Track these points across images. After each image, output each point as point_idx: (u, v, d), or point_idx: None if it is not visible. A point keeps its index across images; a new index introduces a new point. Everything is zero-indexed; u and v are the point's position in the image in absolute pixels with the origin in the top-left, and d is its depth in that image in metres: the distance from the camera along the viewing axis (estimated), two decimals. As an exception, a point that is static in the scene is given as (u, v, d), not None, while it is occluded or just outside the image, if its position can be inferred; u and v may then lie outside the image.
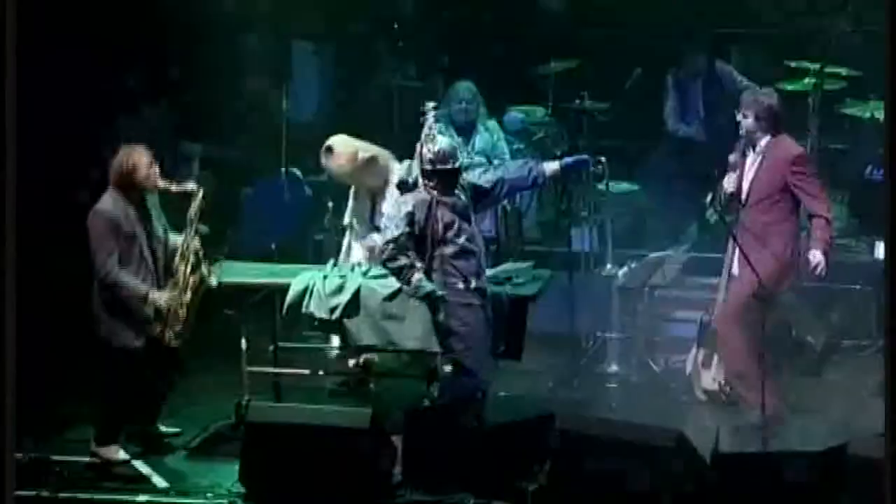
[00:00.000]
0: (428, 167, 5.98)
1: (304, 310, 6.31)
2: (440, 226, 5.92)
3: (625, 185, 8.63)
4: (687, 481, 5.23)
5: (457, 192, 6.00)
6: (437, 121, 6.51)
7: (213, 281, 6.11)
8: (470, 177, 6.20)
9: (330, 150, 6.67)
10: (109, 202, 5.96)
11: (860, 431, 6.05)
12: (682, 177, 8.61)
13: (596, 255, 8.16)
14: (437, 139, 6.07)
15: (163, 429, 6.30)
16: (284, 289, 6.42)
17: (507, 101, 8.99)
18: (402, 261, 5.91)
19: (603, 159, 8.13)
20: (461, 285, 5.93)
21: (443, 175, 5.94)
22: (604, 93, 8.75)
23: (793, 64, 8.54)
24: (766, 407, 6.01)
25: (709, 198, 6.30)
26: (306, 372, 6.73)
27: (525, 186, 6.48)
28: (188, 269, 6.05)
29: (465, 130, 7.47)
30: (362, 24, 9.33)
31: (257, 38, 9.31)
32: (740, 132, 6.40)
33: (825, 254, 6.27)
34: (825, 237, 6.30)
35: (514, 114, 8.93)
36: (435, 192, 5.96)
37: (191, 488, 5.82)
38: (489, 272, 6.29)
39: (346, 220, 6.84)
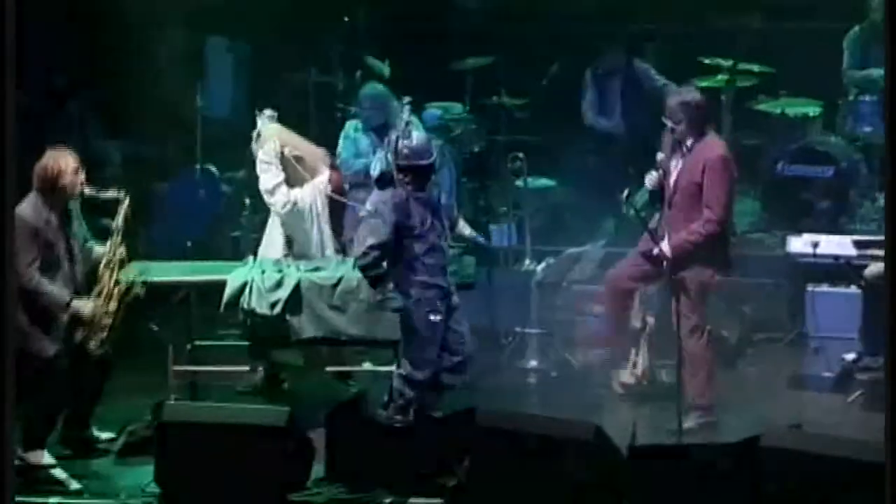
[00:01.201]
0: (403, 162, 5.95)
1: (246, 306, 6.24)
2: (415, 222, 5.93)
3: (542, 181, 8.68)
4: (604, 474, 5.26)
5: (429, 187, 6.02)
6: (412, 114, 6.57)
7: (140, 290, 6.00)
8: None
9: (258, 135, 6.65)
10: (30, 208, 5.82)
11: (774, 422, 6.14)
12: (600, 172, 8.67)
13: (515, 250, 8.20)
14: (412, 134, 6.05)
15: (97, 434, 6.19)
16: (201, 286, 6.33)
17: (425, 98, 8.98)
18: (380, 270, 5.91)
19: (521, 155, 8.16)
20: (427, 282, 5.95)
21: (418, 170, 5.94)
22: (521, 89, 8.78)
23: (706, 61, 8.64)
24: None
25: (625, 193, 6.32)
26: (246, 368, 6.64)
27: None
28: (113, 278, 5.94)
29: (379, 130, 7.48)
30: (277, 20, 9.25)
31: (171, 35, 9.19)
32: (674, 136, 6.34)
33: (675, 249, 6.15)
34: (685, 238, 6.17)
35: (432, 110, 8.91)
36: (409, 188, 5.95)
37: (104, 490, 5.72)
38: None
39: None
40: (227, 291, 6.26)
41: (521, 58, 9.00)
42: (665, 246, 6.21)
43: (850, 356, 6.91)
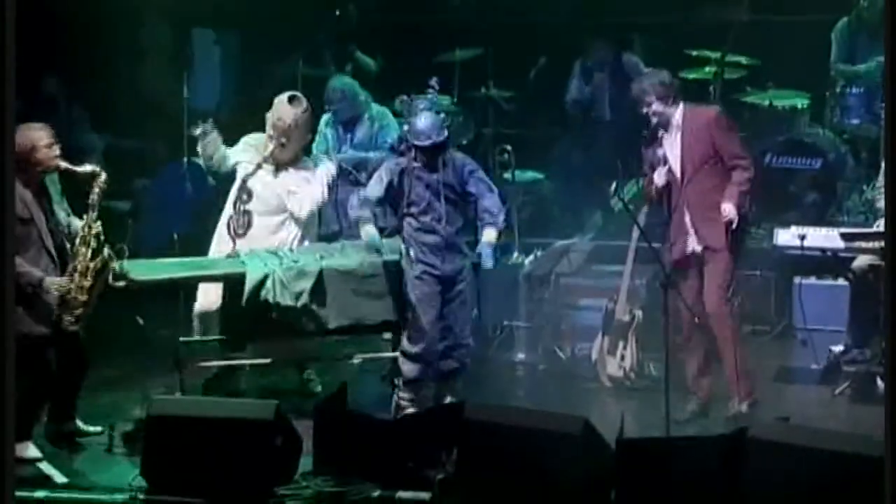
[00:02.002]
0: (409, 140, 6.22)
1: (271, 299, 6.22)
2: (406, 198, 6.17)
3: (530, 174, 8.67)
4: (592, 467, 5.27)
5: (441, 169, 6.13)
6: (433, 96, 6.88)
7: (116, 265, 5.97)
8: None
9: (297, 98, 6.64)
10: None
11: (762, 415, 6.15)
12: (587, 165, 8.67)
13: (502, 243, 8.18)
14: (420, 114, 6.27)
15: (83, 427, 6.16)
16: (190, 281, 6.34)
17: (413, 90, 8.95)
18: (362, 213, 6.29)
19: (508, 148, 8.16)
20: (420, 259, 6.17)
21: (420, 150, 6.15)
22: (509, 81, 8.76)
23: (694, 53, 8.64)
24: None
25: (613, 186, 6.32)
26: (265, 360, 6.61)
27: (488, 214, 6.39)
28: (89, 254, 5.91)
29: (347, 124, 7.54)
30: (266, 12, 9.23)
31: (159, 26, 9.16)
32: (653, 122, 6.33)
33: (737, 206, 6.24)
34: (738, 190, 6.24)
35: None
36: (416, 164, 6.17)
37: (91, 483, 5.71)
38: None
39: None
40: (248, 285, 6.22)
41: (509, 50, 8.99)
42: (727, 206, 6.19)
43: (838, 349, 6.92)
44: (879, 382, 6.45)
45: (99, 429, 6.20)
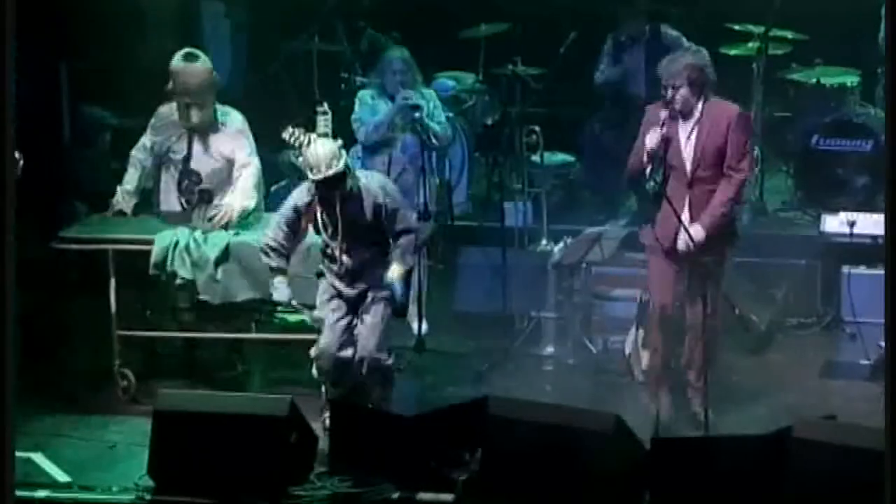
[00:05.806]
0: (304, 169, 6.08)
1: (168, 268, 6.37)
2: (317, 224, 6.11)
3: (560, 157, 8.65)
4: (624, 467, 5.26)
5: (344, 199, 5.98)
6: (325, 121, 6.55)
7: None
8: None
9: (193, 53, 6.69)
10: None
11: (806, 413, 6.13)
12: (621, 147, 8.61)
13: (530, 230, 8.19)
14: (314, 143, 6.06)
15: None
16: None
17: (436, 67, 8.95)
18: (272, 261, 6.11)
19: (537, 129, 8.14)
20: (327, 278, 6.15)
21: (314, 183, 5.99)
22: (538, 58, 8.74)
23: (736, 27, 8.59)
24: None
25: (648, 169, 6.29)
26: (225, 335, 6.71)
27: None
28: None
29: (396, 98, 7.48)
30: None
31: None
32: (675, 105, 6.23)
33: (706, 228, 6.13)
34: (719, 211, 6.15)
35: (444, 80, 8.89)
36: (315, 190, 6.04)
37: (95, 482, 5.74)
38: None
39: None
40: (154, 253, 6.38)
41: (537, 25, 8.96)
42: (697, 228, 6.13)
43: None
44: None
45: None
